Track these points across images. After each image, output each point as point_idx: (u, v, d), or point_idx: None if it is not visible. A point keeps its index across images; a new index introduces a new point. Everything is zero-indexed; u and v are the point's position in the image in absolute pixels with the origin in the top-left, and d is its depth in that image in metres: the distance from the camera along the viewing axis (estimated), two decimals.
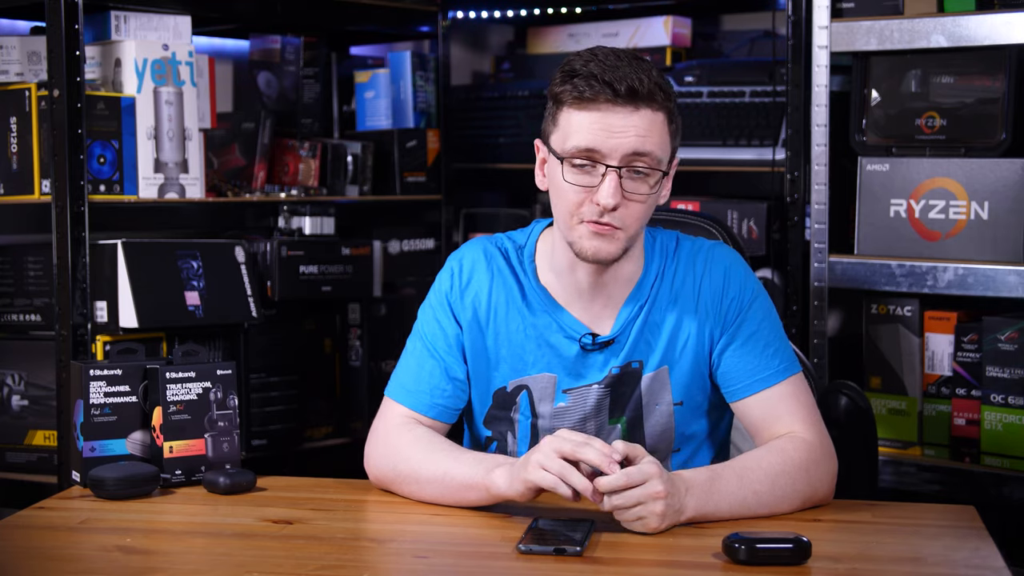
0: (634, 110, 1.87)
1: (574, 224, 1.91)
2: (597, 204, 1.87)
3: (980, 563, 1.68)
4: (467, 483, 1.90)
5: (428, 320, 2.08)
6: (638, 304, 2.01)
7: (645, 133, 1.87)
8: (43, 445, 2.78)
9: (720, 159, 3.19)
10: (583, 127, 1.87)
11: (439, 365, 2.04)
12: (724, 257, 2.04)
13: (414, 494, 1.98)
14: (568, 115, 1.89)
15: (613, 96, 1.85)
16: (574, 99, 1.88)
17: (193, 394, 2.14)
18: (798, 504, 1.89)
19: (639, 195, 1.89)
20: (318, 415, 3.17)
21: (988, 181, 2.73)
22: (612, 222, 1.88)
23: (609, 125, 1.86)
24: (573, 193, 1.89)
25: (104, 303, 2.70)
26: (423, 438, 1.99)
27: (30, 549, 1.80)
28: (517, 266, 2.05)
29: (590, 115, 1.87)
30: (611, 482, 1.74)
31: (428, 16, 3.49)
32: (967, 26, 2.71)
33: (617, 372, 2.00)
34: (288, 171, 3.26)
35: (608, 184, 1.86)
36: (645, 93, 1.86)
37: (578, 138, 1.88)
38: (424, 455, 1.96)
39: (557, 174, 1.91)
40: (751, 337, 1.99)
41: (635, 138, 1.86)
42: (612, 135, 1.86)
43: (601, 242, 1.90)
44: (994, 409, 2.74)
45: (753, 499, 1.85)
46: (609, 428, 2.02)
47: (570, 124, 1.89)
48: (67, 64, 2.61)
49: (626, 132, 1.86)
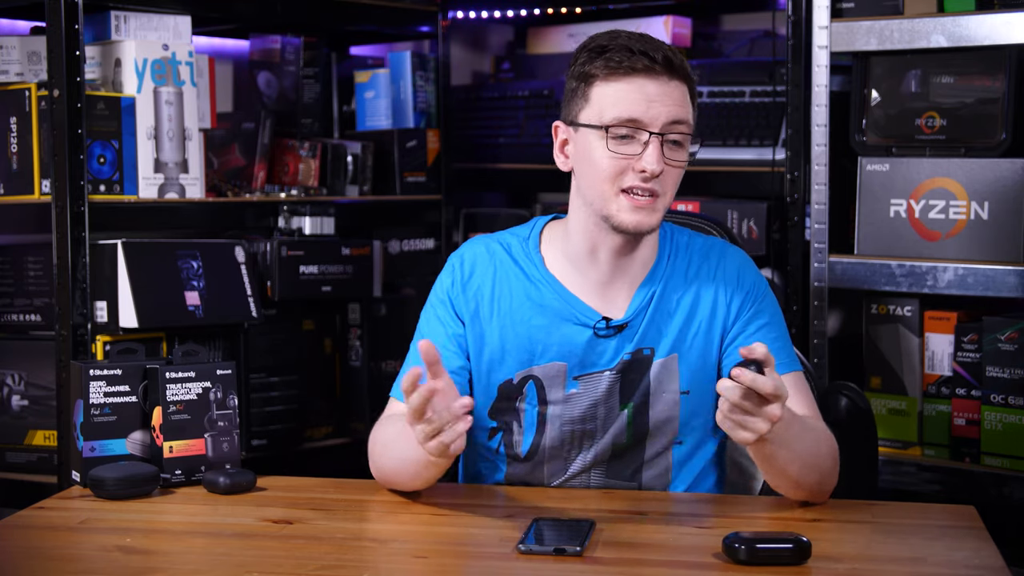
0: (669, 79, 1.91)
1: (613, 195, 1.93)
2: (643, 171, 1.90)
3: (980, 563, 1.68)
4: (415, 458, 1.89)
5: (429, 319, 2.08)
6: (652, 289, 2.03)
7: (681, 102, 1.92)
8: (43, 445, 2.78)
9: (720, 159, 3.19)
10: (621, 97, 1.90)
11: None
12: (736, 254, 2.09)
13: (401, 484, 1.99)
14: (603, 88, 1.92)
15: (651, 64, 1.90)
16: (609, 70, 1.91)
17: (193, 394, 2.14)
18: (817, 478, 1.91)
19: (678, 161, 1.93)
20: (318, 415, 3.17)
21: (988, 181, 2.73)
22: (654, 188, 1.91)
23: (649, 94, 1.90)
24: (615, 163, 1.92)
25: (104, 303, 2.70)
26: (399, 429, 1.98)
27: (30, 549, 1.80)
28: (523, 258, 2.06)
29: (628, 84, 1.91)
30: (758, 381, 1.68)
31: (428, 16, 3.49)
32: (967, 26, 2.71)
33: (628, 358, 2.01)
34: (288, 171, 3.26)
35: (652, 151, 1.90)
36: (678, 64, 1.92)
37: (618, 108, 1.90)
38: (384, 448, 1.99)
39: (595, 147, 1.93)
40: (762, 329, 2.02)
41: (673, 106, 1.91)
42: (652, 103, 1.90)
43: (642, 215, 1.93)
44: (994, 409, 2.74)
45: (799, 456, 1.85)
46: (617, 413, 2.02)
47: (605, 96, 1.92)
48: (67, 64, 2.61)
49: (664, 100, 1.90)
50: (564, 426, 2.03)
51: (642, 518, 1.88)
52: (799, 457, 1.87)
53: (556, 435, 2.03)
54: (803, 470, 1.89)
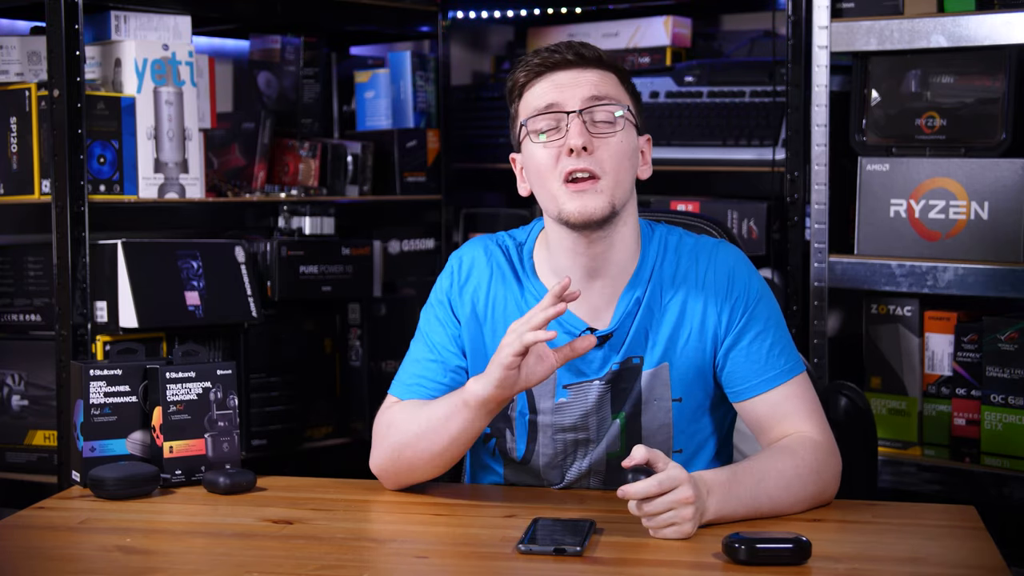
0: (584, 68, 1.96)
1: (556, 189, 1.94)
2: (570, 151, 1.91)
3: (980, 563, 1.67)
4: (447, 413, 1.92)
5: (428, 319, 2.08)
6: (635, 295, 2.00)
7: (597, 82, 1.96)
8: (43, 445, 2.78)
9: (720, 159, 3.19)
10: (539, 93, 1.96)
11: (436, 359, 2.04)
12: (728, 255, 2.03)
13: (414, 461, 1.97)
14: (526, 96, 1.98)
15: (562, 59, 1.96)
16: (526, 75, 1.97)
17: (193, 394, 2.14)
18: (808, 505, 1.90)
19: (606, 134, 1.93)
20: (318, 415, 3.17)
21: (988, 181, 2.73)
22: (589, 167, 1.91)
23: (561, 83, 1.95)
24: (545, 153, 1.94)
25: (104, 303, 2.70)
26: (411, 407, 2.01)
27: (30, 549, 1.80)
28: (517, 263, 2.06)
29: (543, 81, 1.96)
30: (643, 488, 1.74)
31: (428, 16, 3.49)
32: (967, 26, 2.71)
33: (617, 368, 2.00)
34: (288, 171, 3.26)
35: (573, 127, 1.92)
36: (592, 57, 1.97)
37: (538, 102, 1.96)
38: (407, 418, 1.99)
39: (529, 150, 1.97)
40: (757, 337, 1.98)
41: (589, 86, 1.95)
42: (565, 87, 1.95)
43: (585, 199, 1.92)
44: (994, 409, 2.74)
45: (767, 503, 1.85)
46: (610, 422, 2.01)
47: (528, 99, 1.97)
48: (67, 64, 2.61)
49: (579, 82, 1.95)
50: (556, 435, 2.02)
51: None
52: (771, 502, 1.86)
53: (549, 444, 2.03)
54: (791, 506, 1.88)
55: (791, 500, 1.87)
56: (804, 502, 1.89)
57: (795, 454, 1.90)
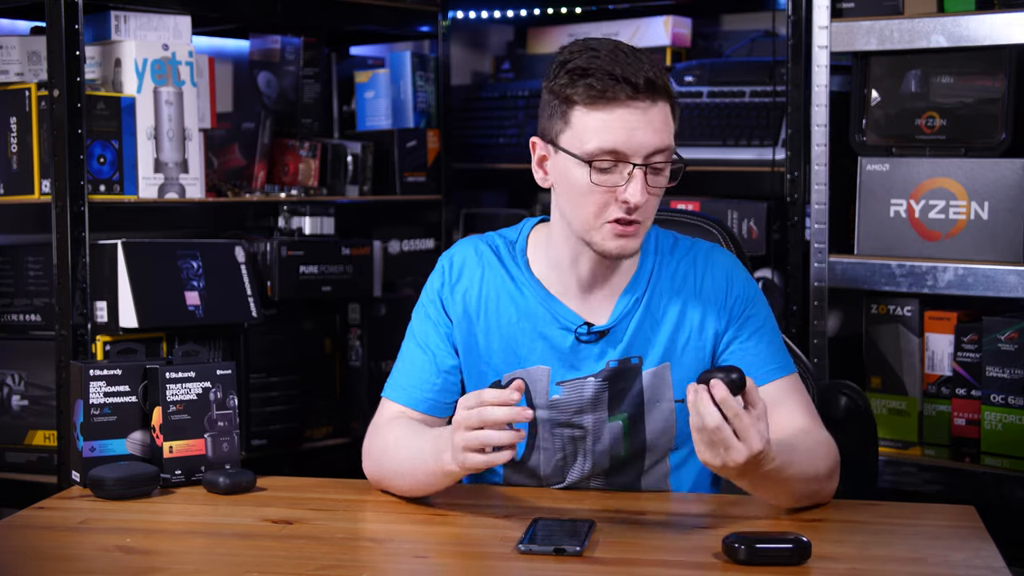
0: (651, 104, 1.86)
1: (596, 224, 1.91)
2: (626, 203, 1.87)
3: (980, 563, 1.67)
4: (427, 469, 1.89)
5: (419, 319, 2.08)
6: (635, 295, 2.01)
7: (662, 127, 1.87)
8: (43, 445, 2.78)
9: (720, 159, 3.19)
10: (603, 128, 1.85)
11: (429, 360, 2.04)
12: (724, 258, 2.06)
13: (400, 489, 1.98)
14: (584, 116, 1.87)
15: (633, 93, 1.84)
16: (591, 99, 1.86)
17: (193, 394, 2.14)
18: (817, 487, 1.89)
19: (659, 188, 1.90)
20: (318, 415, 3.17)
21: (988, 181, 2.73)
22: (638, 218, 1.89)
23: (629, 123, 1.85)
24: (598, 196, 1.89)
25: (104, 303, 2.70)
26: (403, 434, 1.99)
27: (30, 549, 1.80)
28: (509, 260, 2.06)
29: (610, 115, 1.85)
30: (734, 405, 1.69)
31: (428, 16, 3.49)
32: (967, 26, 2.71)
33: (615, 366, 2.00)
34: (288, 171, 3.26)
35: (636, 183, 1.86)
36: (660, 85, 1.87)
37: (600, 139, 1.85)
38: (394, 452, 1.98)
39: (576, 175, 1.89)
40: (753, 335, 2.01)
41: (655, 134, 1.86)
42: (634, 132, 1.85)
43: (625, 241, 1.91)
44: (994, 409, 2.74)
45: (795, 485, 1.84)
46: (610, 424, 2.02)
47: (587, 125, 1.87)
48: (67, 64, 2.61)
49: (646, 129, 1.85)
50: (555, 430, 2.03)
51: (642, 518, 1.88)
52: (786, 492, 1.85)
53: (548, 439, 2.03)
54: (799, 492, 1.88)
55: (811, 472, 1.86)
56: (816, 484, 1.88)
57: (807, 443, 1.90)
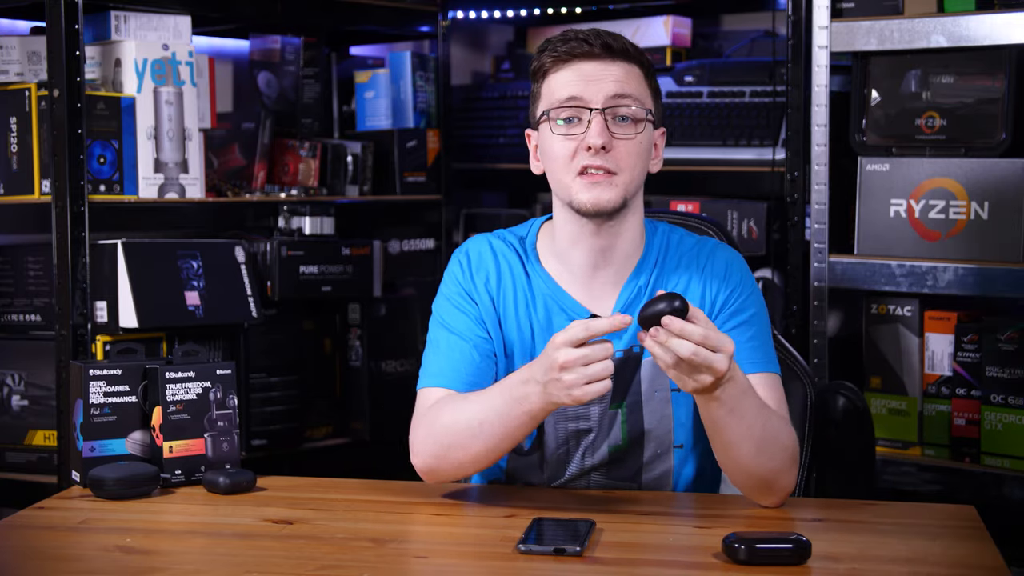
0: (611, 61, 1.96)
1: (570, 180, 1.96)
2: (588, 148, 1.93)
3: (980, 563, 1.67)
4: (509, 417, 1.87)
5: (446, 309, 2.06)
6: (638, 285, 2.02)
7: (623, 79, 1.96)
8: (43, 445, 2.78)
9: (720, 159, 3.19)
10: (564, 82, 1.96)
11: (464, 341, 2.02)
12: (727, 254, 2.08)
13: (472, 454, 1.93)
14: (549, 80, 1.99)
15: (588, 49, 1.95)
16: (552, 61, 1.98)
17: (193, 394, 2.14)
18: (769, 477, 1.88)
19: (626, 135, 1.95)
20: (318, 415, 3.17)
21: (988, 181, 2.73)
22: (605, 164, 1.94)
23: (587, 74, 1.95)
24: (564, 145, 1.96)
25: (104, 303, 2.70)
26: (459, 404, 1.95)
27: (30, 549, 1.80)
28: (521, 254, 2.08)
29: (569, 70, 1.97)
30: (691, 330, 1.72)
31: (428, 16, 3.49)
32: (967, 26, 2.71)
33: (620, 356, 2.01)
34: (288, 171, 3.26)
35: (595, 125, 1.94)
36: (619, 48, 1.97)
37: (561, 92, 1.96)
38: (460, 417, 1.93)
39: (547, 136, 1.98)
40: (741, 325, 2.01)
41: (614, 82, 1.96)
42: (591, 82, 1.95)
43: (599, 190, 1.94)
44: (994, 409, 2.74)
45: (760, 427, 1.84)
46: (611, 413, 2.02)
47: (552, 85, 1.98)
48: (67, 64, 2.61)
49: (605, 78, 1.96)
50: (559, 423, 2.03)
51: (642, 518, 1.88)
52: (752, 435, 1.85)
53: (552, 432, 2.03)
54: (757, 454, 1.86)
55: (766, 449, 1.86)
56: (773, 461, 1.87)
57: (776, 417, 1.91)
